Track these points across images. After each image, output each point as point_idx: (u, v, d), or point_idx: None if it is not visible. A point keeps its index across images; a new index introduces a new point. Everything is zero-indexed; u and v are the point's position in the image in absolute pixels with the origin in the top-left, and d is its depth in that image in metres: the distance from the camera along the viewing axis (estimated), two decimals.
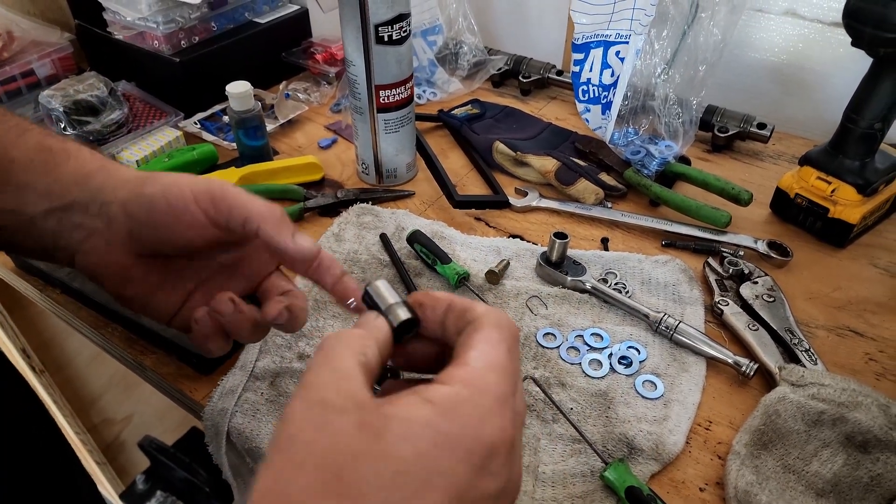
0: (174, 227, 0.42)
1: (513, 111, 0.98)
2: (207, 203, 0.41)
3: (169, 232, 0.42)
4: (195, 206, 0.41)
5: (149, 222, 0.42)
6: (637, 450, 0.51)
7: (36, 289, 0.70)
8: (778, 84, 0.93)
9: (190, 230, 0.42)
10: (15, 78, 0.94)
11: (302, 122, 0.98)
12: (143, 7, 0.90)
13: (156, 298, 0.45)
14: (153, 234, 0.42)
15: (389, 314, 0.35)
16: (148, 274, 0.44)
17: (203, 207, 0.41)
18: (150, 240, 0.43)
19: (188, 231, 0.42)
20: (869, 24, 0.61)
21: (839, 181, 0.70)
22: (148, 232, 0.42)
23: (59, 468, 0.46)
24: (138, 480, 1.36)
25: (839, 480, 0.48)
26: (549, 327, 0.62)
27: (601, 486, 0.49)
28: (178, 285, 0.46)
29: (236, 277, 0.47)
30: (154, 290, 0.45)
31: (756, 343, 0.59)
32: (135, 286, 0.44)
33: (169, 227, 0.42)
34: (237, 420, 0.54)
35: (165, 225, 0.42)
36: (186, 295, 0.46)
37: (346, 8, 0.70)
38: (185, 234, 0.42)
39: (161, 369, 0.61)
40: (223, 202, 0.41)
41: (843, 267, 0.70)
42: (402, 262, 0.69)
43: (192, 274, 0.46)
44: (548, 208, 0.79)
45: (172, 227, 0.42)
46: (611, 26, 0.81)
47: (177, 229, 0.42)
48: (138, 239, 0.42)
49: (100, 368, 1.28)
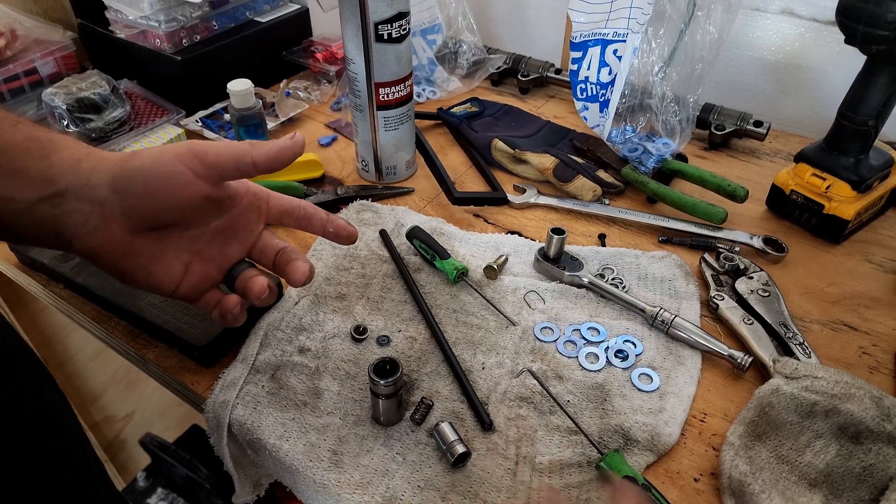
0: (168, 191, 0.44)
1: (511, 109, 0.99)
2: (193, 161, 0.44)
3: (164, 197, 0.44)
4: (183, 167, 0.44)
5: (142, 193, 0.44)
6: (633, 441, 0.52)
7: (39, 284, 0.71)
8: (774, 82, 0.94)
9: (183, 190, 0.44)
10: (18, 76, 0.95)
11: (302, 120, 0.99)
12: (146, 6, 0.91)
13: (156, 272, 0.47)
14: (148, 204, 0.44)
15: (449, 450, 0.50)
16: (145, 248, 0.46)
17: (190, 166, 0.44)
18: (145, 212, 0.45)
19: (182, 191, 0.44)
20: (861, 22, 0.62)
21: (834, 178, 0.71)
22: (142, 203, 0.44)
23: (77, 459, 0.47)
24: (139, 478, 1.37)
25: (832, 471, 0.49)
26: (547, 321, 0.63)
27: (597, 475, 0.50)
28: (177, 256, 0.47)
29: (231, 243, 0.50)
30: (153, 264, 0.46)
31: (751, 337, 0.60)
32: (133, 261, 0.46)
33: (164, 192, 0.44)
34: (238, 412, 0.55)
35: (160, 191, 0.44)
36: (185, 265, 0.48)
37: (347, 6, 0.71)
38: (179, 195, 0.45)
39: (163, 362, 0.61)
40: (206, 156, 0.45)
41: (838, 262, 0.71)
42: (401, 258, 0.70)
43: (187, 243, 0.48)
44: (546, 205, 0.80)
45: (167, 192, 0.44)
46: (608, 25, 0.82)
47: (171, 193, 0.44)
48: (132, 214, 0.44)
49: (101, 366, 1.28)
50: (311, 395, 0.57)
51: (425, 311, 0.63)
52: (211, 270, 0.49)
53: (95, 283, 0.66)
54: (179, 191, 0.44)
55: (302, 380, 0.58)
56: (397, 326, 0.63)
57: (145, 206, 0.44)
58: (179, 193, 0.44)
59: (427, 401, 0.55)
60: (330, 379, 0.58)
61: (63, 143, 0.43)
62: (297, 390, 0.57)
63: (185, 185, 0.44)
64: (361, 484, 0.50)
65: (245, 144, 0.46)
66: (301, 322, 0.63)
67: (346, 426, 0.54)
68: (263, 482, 0.62)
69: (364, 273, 0.69)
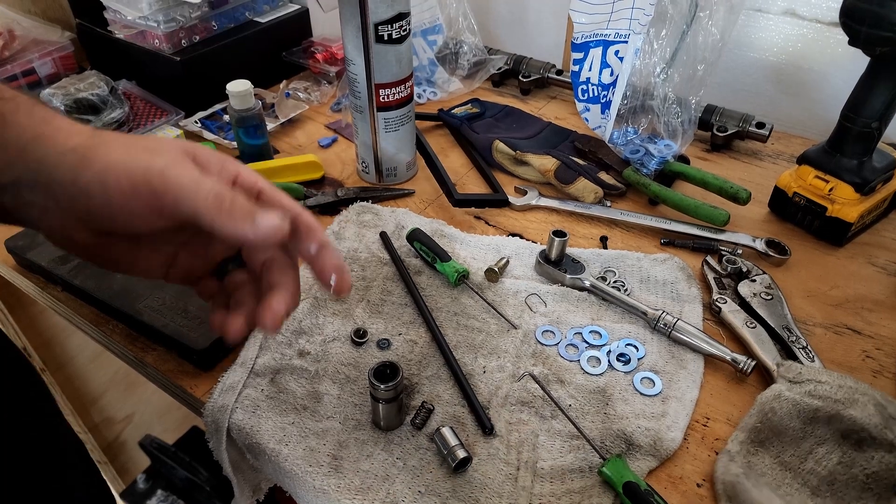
0: (116, 218, 0.37)
1: (513, 110, 0.98)
2: (148, 195, 0.36)
3: (112, 222, 0.37)
4: (135, 201, 0.36)
5: (90, 211, 0.37)
6: (635, 446, 0.52)
7: (37, 286, 0.71)
8: (776, 83, 0.94)
9: (135, 221, 0.37)
10: (16, 76, 0.94)
11: (302, 121, 0.99)
12: (144, 6, 0.90)
13: (138, 264, 0.42)
14: (105, 221, 0.38)
15: (450, 455, 0.50)
16: (118, 246, 0.41)
17: (145, 201, 0.36)
18: (104, 224, 0.38)
19: (133, 221, 0.37)
20: (865, 24, 0.61)
21: (837, 180, 0.70)
22: (99, 218, 0.37)
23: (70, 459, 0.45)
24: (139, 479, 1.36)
25: (835, 479, 0.48)
26: (549, 325, 0.62)
27: (599, 481, 0.50)
28: (156, 251, 0.42)
29: (213, 244, 0.43)
30: (133, 258, 0.42)
31: (754, 340, 0.60)
32: (108, 256, 0.41)
33: (111, 217, 0.37)
34: (237, 416, 0.55)
35: (107, 217, 0.37)
36: (170, 256, 0.43)
37: (347, 7, 0.71)
38: (130, 223, 0.37)
39: (162, 366, 0.61)
40: (166, 195, 0.36)
41: (841, 265, 0.71)
42: (401, 260, 0.69)
43: (167, 240, 0.42)
44: (547, 207, 0.80)
45: (115, 218, 0.37)
46: (610, 26, 0.81)
47: (119, 220, 0.37)
48: (90, 223, 0.38)
49: (101, 368, 1.28)
50: (311, 399, 0.56)
51: (426, 314, 0.63)
52: (197, 264, 0.44)
53: (93, 286, 0.65)
54: (128, 220, 0.37)
55: (301, 384, 0.57)
56: (398, 330, 0.63)
57: (103, 220, 0.37)
58: (128, 223, 0.37)
59: (428, 405, 0.55)
60: (330, 383, 0.57)
61: (12, 119, 0.36)
62: (297, 394, 0.56)
63: (134, 217, 0.37)
64: (361, 489, 0.50)
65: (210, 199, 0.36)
66: (300, 325, 0.62)
67: (346, 431, 0.54)
68: (263, 487, 0.61)
69: (364, 276, 0.69)
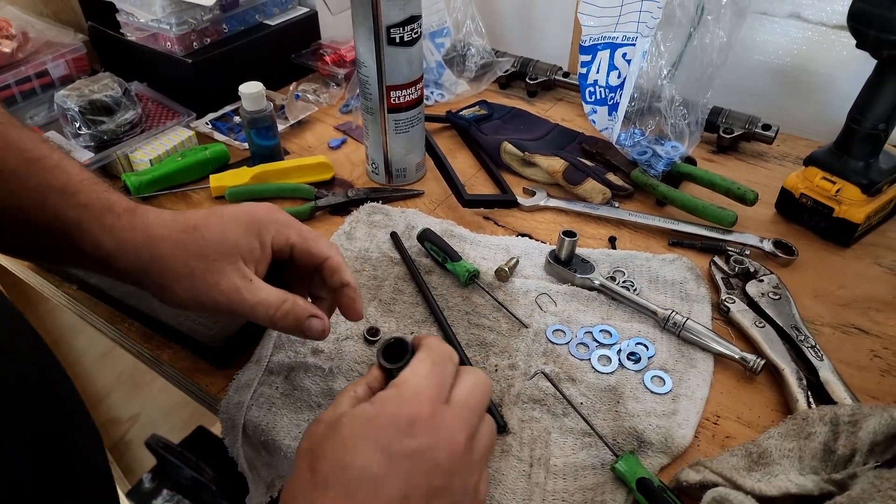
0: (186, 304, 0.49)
1: (520, 112, 0.99)
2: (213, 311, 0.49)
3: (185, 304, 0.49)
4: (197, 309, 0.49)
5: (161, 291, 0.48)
6: (646, 443, 0.52)
7: (52, 285, 0.72)
8: (782, 86, 0.95)
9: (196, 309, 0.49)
10: (30, 78, 0.95)
11: (312, 122, 1.00)
12: (157, 9, 0.91)
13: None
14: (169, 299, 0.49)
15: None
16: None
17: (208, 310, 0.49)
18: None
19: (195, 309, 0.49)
20: (873, 27, 0.62)
21: (844, 181, 0.71)
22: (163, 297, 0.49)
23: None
24: (145, 479, 1.37)
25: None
26: (559, 324, 0.63)
27: (612, 478, 0.50)
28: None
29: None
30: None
31: (763, 339, 0.60)
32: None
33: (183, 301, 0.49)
34: (253, 413, 0.55)
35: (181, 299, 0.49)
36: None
37: (359, 10, 0.72)
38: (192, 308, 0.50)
39: (177, 364, 0.62)
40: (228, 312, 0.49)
41: (848, 266, 0.71)
42: (412, 260, 0.70)
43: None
44: (556, 208, 0.80)
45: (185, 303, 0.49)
46: (618, 28, 0.82)
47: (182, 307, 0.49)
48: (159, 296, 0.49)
49: (107, 367, 1.29)
50: (326, 396, 0.57)
51: (437, 313, 0.64)
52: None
53: (109, 285, 0.66)
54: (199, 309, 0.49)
55: (316, 381, 0.58)
56: (409, 328, 0.63)
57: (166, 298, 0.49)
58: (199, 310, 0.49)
59: None
60: (343, 380, 0.58)
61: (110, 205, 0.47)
62: (312, 392, 0.57)
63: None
64: None
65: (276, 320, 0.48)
66: None
67: None
68: (277, 484, 0.62)
69: (376, 275, 0.69)
